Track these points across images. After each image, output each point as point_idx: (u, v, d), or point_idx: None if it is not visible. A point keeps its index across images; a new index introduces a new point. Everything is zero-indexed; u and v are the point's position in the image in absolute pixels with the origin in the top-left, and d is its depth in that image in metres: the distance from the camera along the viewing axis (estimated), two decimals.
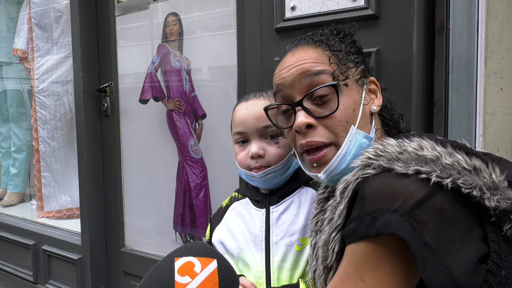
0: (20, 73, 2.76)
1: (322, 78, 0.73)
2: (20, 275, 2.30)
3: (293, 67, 0.75)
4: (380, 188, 0.56)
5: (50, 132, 2.47)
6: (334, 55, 0.75)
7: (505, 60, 0.96)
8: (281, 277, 0.91)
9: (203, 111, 1.72)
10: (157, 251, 1.87)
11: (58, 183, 2.51)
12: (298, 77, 0.74)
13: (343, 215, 0.64)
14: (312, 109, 0.73)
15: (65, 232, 2.18)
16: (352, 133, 0.72)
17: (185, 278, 0.68)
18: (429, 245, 0.51)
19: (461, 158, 0.57)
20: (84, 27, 1.91)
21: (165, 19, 1.79)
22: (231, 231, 1.00)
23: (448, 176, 0.54)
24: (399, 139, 0.64)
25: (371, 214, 0.56)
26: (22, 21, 2.57)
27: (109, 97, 1.95)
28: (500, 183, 0.55)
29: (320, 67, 0.73)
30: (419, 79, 1.06)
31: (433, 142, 0.60)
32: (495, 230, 0.55)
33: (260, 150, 0.94)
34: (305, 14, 1.23)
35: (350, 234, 0.59)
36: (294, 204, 0.96)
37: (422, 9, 1.06)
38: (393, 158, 0.59)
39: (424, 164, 0.56)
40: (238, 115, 0.98)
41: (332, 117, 0.72)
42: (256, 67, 1.36)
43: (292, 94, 0.75)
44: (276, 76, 0.79)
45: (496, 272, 0.53)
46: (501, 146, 0.97)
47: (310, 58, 0.74)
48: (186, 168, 1.76)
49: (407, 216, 0.52)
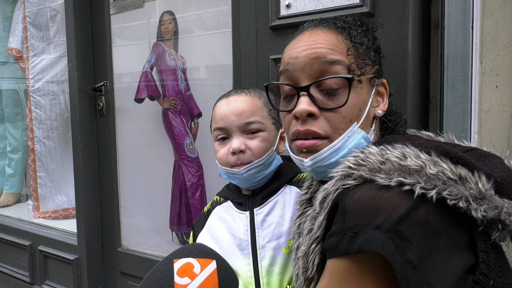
0: (15, 73, 2.75)
1: (337, 69, 0.67)
2: (16, 275, 2.29)
3: (308, 48, 0.69)
4: (362, 201, 0.54)
5: (46, 132, 2.45)
6: (354, 46, 0.69)
7: (500, 57, 0.95)
8: (271, 282, 0.89)
9: (198, 110, 1.72)
10: (153, 250, 1.86)
11: (54, 183, 2.50)
12: (311, 61, 0.68)
13: (323, 227, 0.62)
14: (318, 98, 0.68)
15: (61, 233, 2.17)
16: (352, 130, 0.67)
17: (184, 279, 0.68)
18: (411, 262, 0.50)
19: (446, 167, 0.54)
20: (79, 26, 1.89)
21: (161, 18, 1.78)
22: (214, 237, 0.96)
23: (433, 187, 0.52)
24: (381, 145, 0.62)
25: (352, 229, 0.54)
26: (17, 20, 2.55)
27: (104, 96, 1.94)
28: (487, 191, 0.53)
29: (337, 57, 0.67)
30: (414, 77, 1.06)
31: (417, 150, 0.58)
32: (484, 239, 0.53)
33: (242, 145, 0.91)
34: (300, 12, 1.22)
35: (331, 248, 0.57)
36: (279, 204, 0.94)
37: (417, 6, 1.05)
38: (375, 168, 0.56)
39: (408, 175, 0.54)
40: (219, 111, 0.95)
41: (337, 111, 0.67)
42: (251, 65, 1.35)
43: (300, 77, 0.69)
44: (287, 53, 0.72)
45: (484, 282, 0.51)
46: (497, 144, 0.97)
47: (328, 44, 0.68)
48: (182, 167, 1.75)
49: (390, 233, 0.50)
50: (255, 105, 0.94)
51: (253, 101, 0.95)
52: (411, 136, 0.69)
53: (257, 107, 0.94)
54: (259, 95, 0.97)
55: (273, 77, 1.31)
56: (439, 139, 0.73)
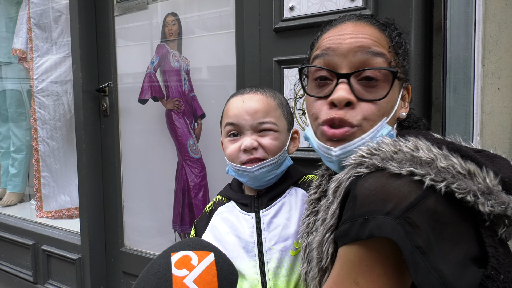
0: (19, 73, 2.76)
1: (379, 61, 0.67)
2: (19, 275, 2.30)
3: (354, 37, 0.68)
4: (373, 188, 0.55)
5: (49, 132, 2.46)
6: (394, 46, 0.70)
7: (502, 60, 0.96)
8: (278, 284, 0.88)
9: (202, 111, 1.73)
10: (156, 250, 1.87)
11: (57, 183, 2.51)
12: (355, 49, 0.67)
13: (336, 215, 0.62)
14: (356, 88, 0.67)
15: (65, 232, 2.18)
16: (382, 124, 0.67)
17: (182, 271, 0.68)
18: (421, 248, 0.50)
19: (456, 161, 0.56)
20: (83, 27, 1.91)
21: (164, 19, 1.79)
22: (219, 239, 0.94)
23: (442, 180, 0.53)
24: (395, 137, 0.63)
25: (363, 216, 0.54)
26: (21, 21, 2.56)
27: (108, 97, 1.95)
28: (494, 187, 0.55)
29: (381, 50, 0.68)
30: (417, 79, 1.07)
31: (429, 143, 0.59)
32: (491, 234, 0.54)
33: (254, 142, 0.90)
34: (304, 14, 1.23)
35: (342, 235, 0.58)
36: (285, 206, 0.93)
37: (420, 9, 1.06)
38: (387, 157, 0.57)
39: (419, 165, 0.55)
40: (233, 107, 0.93)
41: (375, 104, 0.67)
42: (255, 66, 1.36)
43: (340, 64, 0.68)
44: (327, 39, 0.71)
45: (495, 277, 0.52)
46: (499, 146, 0.97)
47: (373, 36, 0.68)
48: (185, 168, 1.76)
49: (400, 219, 0.51)
50: (270, 105, 0.93)
51: (268, 101, 0.94)
52: (424, 132, 0.70)
53: (271, 107, 0.93)
54: (273, 95, 0.96)
55: (277, 79, 1.32)
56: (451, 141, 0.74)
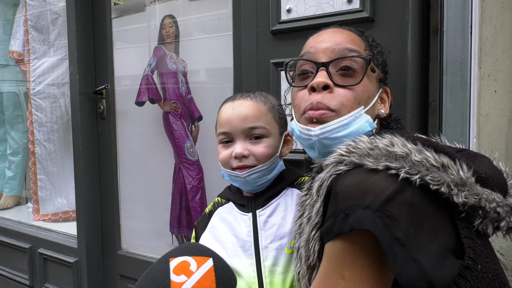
0: (16, 75, 2.75)
1: (355, 55, 0.75)
2: (16, 278, 2.29)
3: (332, 38, 0.77)
4: (352, 184, 0.58)
5: (46, 134, 2.46)
6: (370, 47, 0.79)
7: (499, 62, 0.96)
8: (274, 281, 0.90)
9: (199, 113, 1.72)
10: (153, 253, 1.87)
11: (54, 185, 2.50)
12: (333, 46, 0.75)
13: (320, 213, 0.65)
14: (334, 76, 0.75)
15: (61, 235, 2.17)
16: (360, 112, 0.73)
17: (181, 277, 0.68)
18: (399, 240, 0.52)
19: (429, 155, 0.58)
20: (80, 29, 1.90)
21: (162, 21, 1.79)
22: (218, 239, 0.97)
23: (417, 173, 0.55)
24: (372, 135, 0.65)
25: (344, 211, 0.57)
26: (18, 23, 2.56)
27: (105, 99, 1.95)
28: (468, 179, 0.57)
29: (356, 47, 0.76)
30: (413, 81, 1.07)
31: (404, 139, 0.62)
32: (467, 226, 0.56)
33: (245, 150, 0.92)
34: (301, 17, 1.23)
35: (326, 232, 0.60)
36: (281, 206, 0.95)
37: (417, 11, 1.06)
38: (364, 154, 0.60)
39: (394, 160, 0.57)
40: (224, 115, 0.96)
41: (350, 89, 0.73)
42: (252, 69, 1.36)
43: (321, 58, 0.76)
44: (311, 41, 0.80)
45: (473, 267, 0.54)
46: (496, 148, 0.97)
47: (350, 38, 0.78)
48: (183, 170, 1.76)
49: (378, 212, 0.54)
50: (260, 110, 0.95)
51: (258, 106, 0.96)
52: (401, 131, 0.73)
53: (261, 112, 0.95)
54: (264, 100, 0.98)
55: (274, 81, 1.32)
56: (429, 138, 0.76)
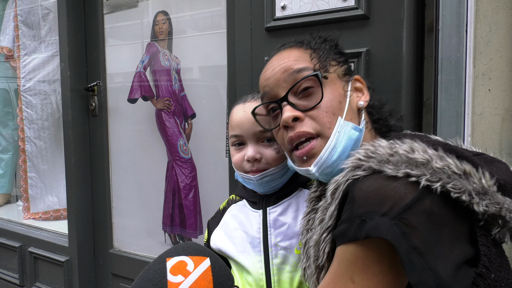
0: (6, 72, 2.71)
1: (304, 74, 0.74)
2: (5, 278, 2.26)
3: (276, 66, 0.77)
4: (370, 190, 0.56)
5: (37, 131, 2.42)
6: (315, 52, 0.77)
7: (493, 61, 0.97)
8: (282, 279, 0.91)
9: (192, 111, 1.71)
10: (146, 252, 1.85)
11: (45, 183, 2.47)
12: (282, 76, 0.75)
13: (334, 216, 0.64)
14: (298, 103, 0.74)
15: (52, 234, 2.14)
16: (340, 124, 0.72)
17: (178, 277, 0.67)
18: (418, 248, 0.51)
19: (451, 162, 0.57)
20: (71, 25, 1.87)
21: (155, 18, 1.77)
22: (228, 235, 0.99)
23: (438, 180, 0.54)
24: (391, 139, 0.64)
25: (360, 217, 0.56)
26: (8, 18, 2.51)
27: (97, 96, 1.92)
28: (490, 187, 0.56)
29: (302, 65, 0.75)
30: (408, 80, 1.07)
31: (425, 145, 0.60)
32: (485, 233, 0.55)
33: (257, 154, 0.92)
34: (296, 14, 1.22)
35: (340, 235, 0.60)
36: (292, 207, 0.95)
37: (412, 9, 1.06)
38: (384, 160, 0.59)
39: (415, 167, 0.56)
40: (235, 118, 0.96)
41: (318, 108, 0.72)
42: (246, 66, 1.35)
43: (278, 92, 0.76)
44: (261, 78, 0.81)
45: (486, 275, 0.53)
46: (489, 146, 0.98)
47: (292, 57, 0.77)
48: (176, 168, 1.74)
49: (396, 220, 0.53)
50: None
51: None
52: (420, 135, 0.72)
53: None
54: None
55: None
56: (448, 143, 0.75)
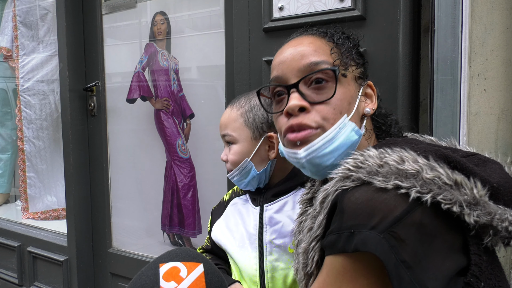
0: (4, 72, 2.71)
1: (322, 67, 0.70)
2: (4, 277, 2.26)
3: (295, 52, 0.72)
4: (359, 202, 0.56)
5: (36, 131, 2.42)
6: (337, 47, 0.73)
7: (488, 61, 0.97)
8: (275, 276, 0.92)
9: (191, 111, 1.72)
10: (144, 252, 1.85)
11: (43, 183, 2.47)
12: (298, 62, 0.71)
13: (323, 226, 0.63)
14: (307, 94, 0.70)
15: (51, 233, 2.15)
16: (343, 121, 0.69)
17: (170, 284, 0.67)
18: (406, 262, 0.51)
19: (442, 172, 0.55)
20: (70, 25, 1.88)
21: (153, 18, 1.78)
22: (229, 228, 1.01)
23: (428, 192, 0.53)
24: (381, 148, 0.63)
25: (349, 229, 0.55)
26: (7, 18, 2.51)
27: (95, 97, 1.93)
28: (481, 197, 0.54)
29: (321, 58, 0.71)
30: (405, 80, 1.08)
31: (415, 154, 0.59)
32: (477, 242, 0.54)
33: (224, 156, 1.00)
34: (293, 15, 1.23)
35: (329, 246, 0.59)
36: (288, 205, 0.96)
37: (408, 10, 1.07)
38: (373, 171, 0.58)
39: (404, 178, 0.55)
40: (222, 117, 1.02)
41: (327, 103, 0.69)
42: (244, 66, 1.36)
43: (289, 78, 0.72)
44: (276, 60, 0.76)
45: (475, 284, 0.53)
46: (485, 146, 0.98)
47: (312, 45, 0.72)
48: (174, 168, 1.75)
49: (385, 233, 0.52)
50: (230, 117, 0.99)
51: (230, 113, 1.00)
52: (411, 140, 0.70)
53: (230, 119, 0.99)
54: (238, 106, 1.00)
55: (266, 78, 1.32)
56: (441, 143, 0.74)
